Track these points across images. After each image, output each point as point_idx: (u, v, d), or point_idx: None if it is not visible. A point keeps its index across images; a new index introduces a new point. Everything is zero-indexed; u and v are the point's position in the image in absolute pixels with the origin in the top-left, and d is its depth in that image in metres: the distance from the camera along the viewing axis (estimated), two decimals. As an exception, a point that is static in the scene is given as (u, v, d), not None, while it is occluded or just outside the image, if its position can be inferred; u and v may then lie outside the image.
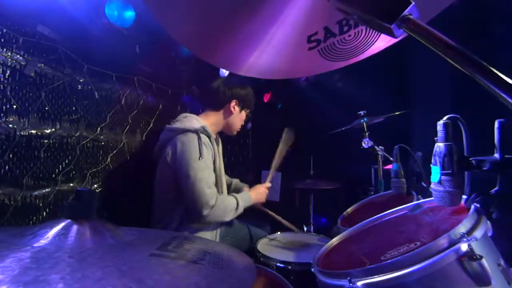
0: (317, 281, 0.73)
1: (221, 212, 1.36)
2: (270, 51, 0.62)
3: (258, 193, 1.63)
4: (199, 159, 1.32)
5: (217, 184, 1.46)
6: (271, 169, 1.77)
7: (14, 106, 1.17)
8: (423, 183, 1.12)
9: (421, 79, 1.99)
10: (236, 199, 1.45)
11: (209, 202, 1.31)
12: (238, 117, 1.62)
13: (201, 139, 1.35)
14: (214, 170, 1.44)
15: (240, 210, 1.45)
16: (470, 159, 0.51)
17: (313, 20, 0.58)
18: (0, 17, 1.12)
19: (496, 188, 0.45)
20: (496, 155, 0.48)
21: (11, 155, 1.15)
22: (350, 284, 0.61)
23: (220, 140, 1.74)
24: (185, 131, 1.37)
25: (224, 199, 1.42)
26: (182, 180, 1.33)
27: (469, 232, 0.58)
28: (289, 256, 1.27)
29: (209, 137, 1.42)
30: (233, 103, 1.57)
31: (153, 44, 1.72)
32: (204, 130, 1.40)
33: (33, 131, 1.23)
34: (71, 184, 1.38)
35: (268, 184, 1.70)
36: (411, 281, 0.57)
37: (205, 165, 1.35)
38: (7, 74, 1.14)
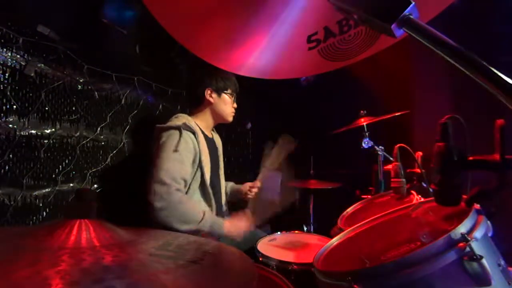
0: (317, 281, 0.73)
1: (178, 212, 1.24)
2: (270, 51, 0.62)
3: (235, 226, 1.39)
4: (173, 151, 1.32)
5: (203, 183, 1.44)
6: (263, 169, 1.69)
7: (14, 106, 1.17)
8: (423, 183, 1.13)
9: (421, 79, 1.98)
10: (205, 215, 1.29)
11: (164, 194, 1.23)
12: (221, 102, 1.57)
13: (182, 134, 1.36)
14: (200, 168, 1.42)
15: (204, 228, 1.28)
16: (470, 159, 0.51)
17: (313, 20, 0.58)
18: (0, 17, 1.12)
19: (496, 188, 0.45)
20: (496, 155, 0.48)
21: (11, 155, 1.15)
22: (350, 284, 0.61)
23: (219, 139, 1.73)
24: (169, 128, 1.39)
25: (190, 202, 1.32)
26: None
27: (469, 232, 0.58)
28: (289, 256, 1.27)
29: (193, 133, 1.42)
30: (207, 93, 1.54)
31: (153, 44, 1.72)
32: (186, 127, 1.40)
33: (33, 131, 1.23)
34: (71, 184, 1.38)
35: (250, 218, 1.46)
36: (411, 281, 0.57)
37: (177, 158, 1.32)
38: (7, 74, 1.14)
